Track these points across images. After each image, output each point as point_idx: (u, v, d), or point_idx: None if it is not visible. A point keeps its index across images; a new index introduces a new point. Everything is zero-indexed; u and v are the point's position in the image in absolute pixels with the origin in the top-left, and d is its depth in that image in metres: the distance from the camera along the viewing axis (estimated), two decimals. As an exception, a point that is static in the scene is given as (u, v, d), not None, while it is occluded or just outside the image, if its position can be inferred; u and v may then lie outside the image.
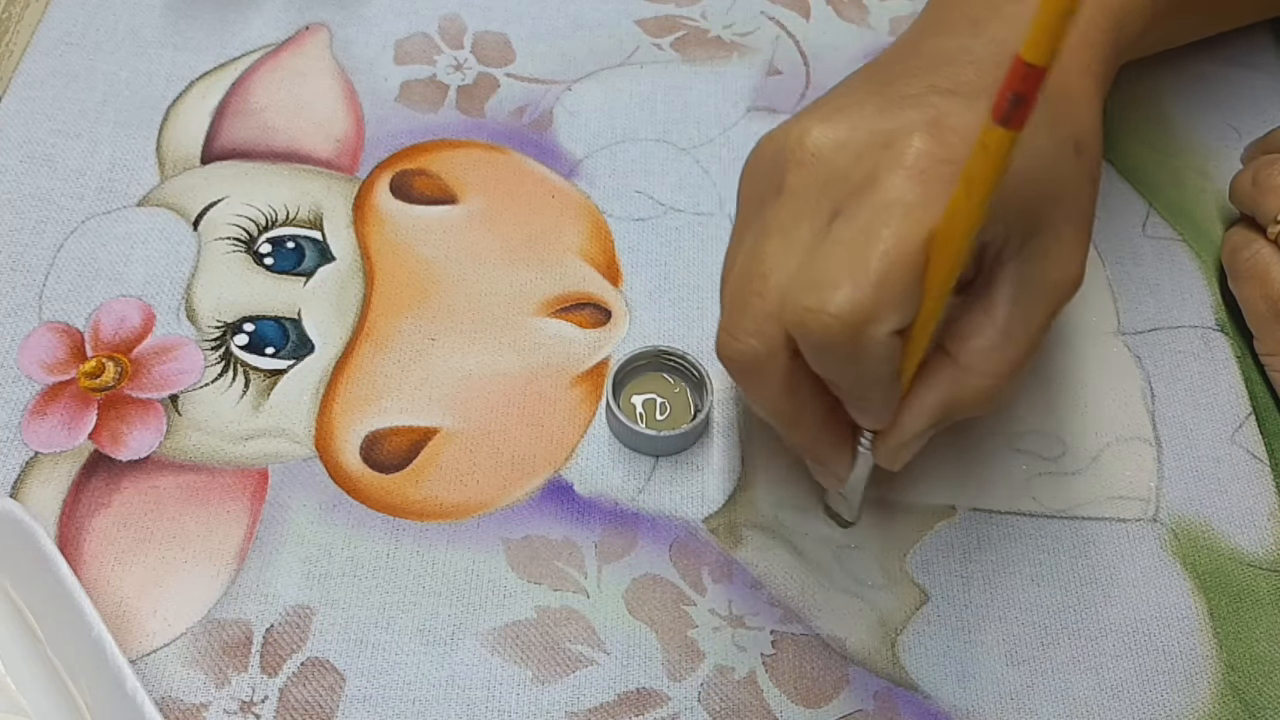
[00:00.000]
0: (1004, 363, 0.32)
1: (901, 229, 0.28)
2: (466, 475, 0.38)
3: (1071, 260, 0.32)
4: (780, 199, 0.31)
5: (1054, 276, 0.32)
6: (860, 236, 0.29)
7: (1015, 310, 0.31)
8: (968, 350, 0.31)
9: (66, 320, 0.40)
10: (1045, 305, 0.32)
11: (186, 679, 0.34)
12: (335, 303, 0.42)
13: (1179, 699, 0.36)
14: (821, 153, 0.31)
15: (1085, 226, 0.33)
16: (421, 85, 0.48)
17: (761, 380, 0.31)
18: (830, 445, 0.34)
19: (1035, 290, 0.32)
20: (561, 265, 0.43)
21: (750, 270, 0.31)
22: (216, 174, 0.44)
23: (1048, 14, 0.24)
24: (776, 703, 0.35)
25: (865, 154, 0.30)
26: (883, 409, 0.32)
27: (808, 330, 0.29)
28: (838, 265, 0.28)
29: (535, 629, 0.36)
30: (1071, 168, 0.32)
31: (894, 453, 0.33)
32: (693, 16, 0.51)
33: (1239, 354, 0.43)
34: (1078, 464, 0.40)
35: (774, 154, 0.32)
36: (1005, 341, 0.31)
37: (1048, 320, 0.32)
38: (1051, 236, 0.31)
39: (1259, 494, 0.40)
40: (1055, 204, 0.31)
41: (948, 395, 0.32)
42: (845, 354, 0.29)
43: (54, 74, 0.47)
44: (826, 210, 0.30)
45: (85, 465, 0.38)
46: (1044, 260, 0.31)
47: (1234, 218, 0.45)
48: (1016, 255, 0.31)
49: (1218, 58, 0.51)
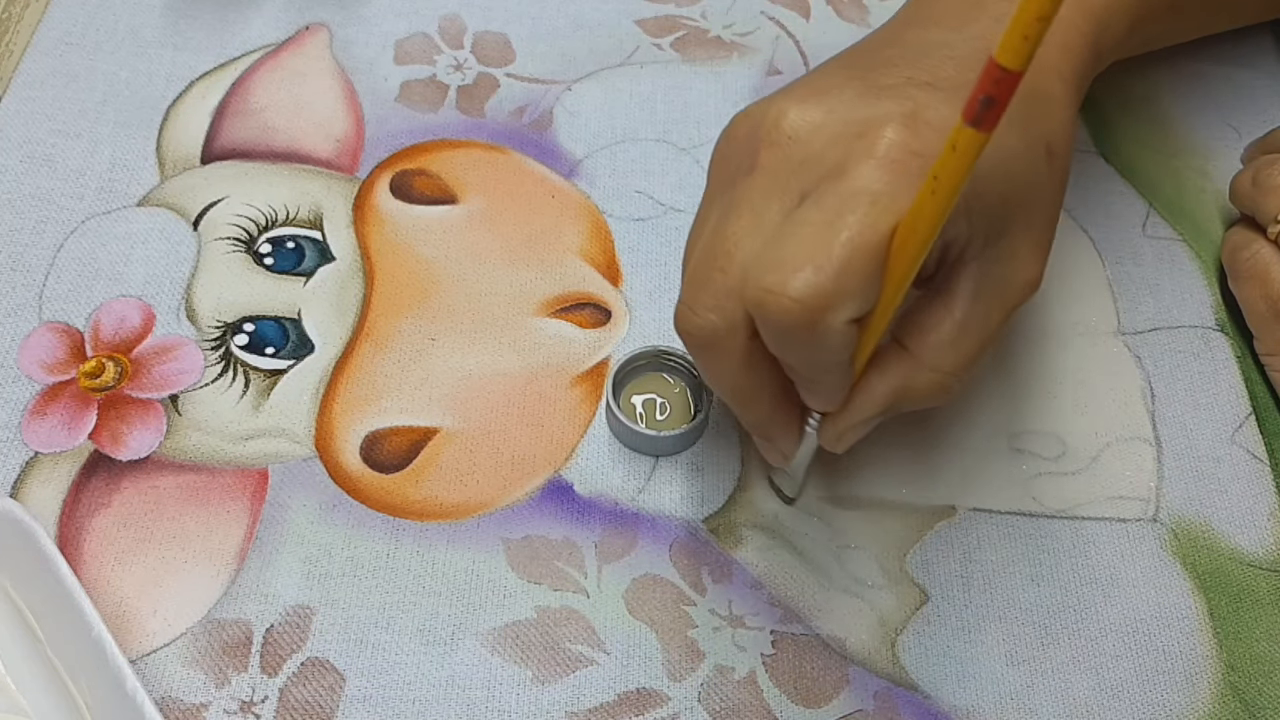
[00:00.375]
0: (958, 358, 0.32)
1: (867, 218, 0.28)
2: (466, 475, 0.38)
3: (1034, 262, 0.32)
4: (751, 177, 0.31)
5: (1016, 278, 0.32)
6: (825, 221, 0.29)
7: (974, 308, 0.32)
8: (924, 344, 0.32)
9: (66, 320, 0.40)
10: (1003, 305, 0.32)
11: (186, 679, 0.34)
12: (335, 303, 0.42)
13: (1179, 699, 0.36)
14: (796, 134, 0.31)
15: (1050, 229, 0.33)
16: (421, 85, 0.48)
17: (719, 356, 0.32)
18: (781, 424, 0.34)
19: (995, 290, 0.32)
20: (561, 265, 0.43)
21: (715, 246, 0.31)
22: (216, 174, 0.44)
23: (1024, 18, 0.23)
24: (776, 703, 0.35)
25: (839, 140, 0.30)
26: (834, 393, 0.32)
27: (766, 311, 0.29)
28: (801, 248, 0.29)
29: (535, 629, 0.36)
30: (1042, 170, 0.32)
31: (839, 435, 0.33)
32: (693, 16, 0.51)
33: (1239, 354, 0.43)
34: (1078, 464, 0.40)
35: (748, 131, 0.32)
36: (961, 337, 0.32)
37: (1004, 319, 0.32)
38: (1017, 239, 0.32)
39: (1259, 494, 0.40)
40: (1022, 206, 0.31)
41: (900, 385, 0.32)
42: (802, 338, 0.29)
43: (54, 74, 0.47)
44: (796, 192, 0.30)
45: (85, 465, 0.38)
46: (1008, 261, 0.32)
47: (1234, 218, 0.45)
48: (980, 255, 0.31)
49: (1217, 58, 0.51)
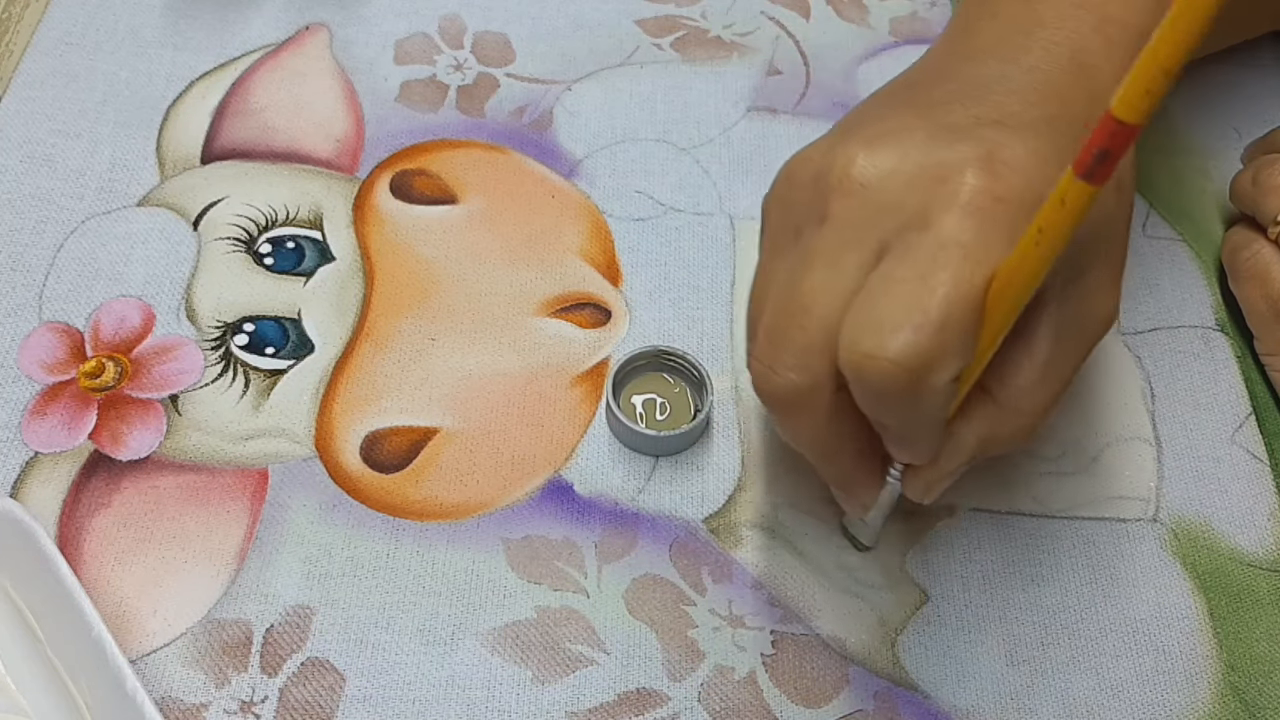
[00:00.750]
0: (1043, 401, 0.31)
1: (961, 272, 0.27)
2: (466, 475, 0.38)
3: (1109, 299, 0.32)
4: (824, 227, 0.30)
5: (1094, 314, 0.31)
6: (918, 278, 0.28)
7: (1056, 349, 0.31)
8: (1008, 389, 0.31)
9: (66, 320, 0.40)
10: (1083, 343, 0.31)
11: (186, 679, 0.34)
12: (335, 303, 0.42)
13: (1179, 699, 0.36)
14: (869, 181, 0.29)
15: (1122, 263, 0.32)
16: (421, 85, 0.48)
17: (802, 414, 0.31)
18: (863, 478, 0.33)
19: (1075, 329, 0.31)
20: (561, 265, 0.43)
21: (791, 302, 0.30)
22: (216, 174, 0.44)
23: (1147, 71, 0.22)
24: (776, 703, 0.35)
25: (915, 186, 0.29)
26: (928, 448, 0.31)
27: (865, 375, 0.28)
28: (895, 307, 0.27)
29: (535, 629, 0.36)
30: (1111, 207, 0.31)
31: (928, 487, 0.32)
32: (693, 16, 0.51)
33: (1239, 354, 0.43)
34: (1078, 464, 0.40)
35: (812, 178, 0.31)
36: (1044, 380, 0.31)
37: (1083, 358, 0.32)
38: (1093, 276, 0.31)
39: (1259, 494, 0.40)
40: (1097, 245, 0.31)
41: (987, 433, 0.31)
42: (903, 400, 0.28)
43: (54, 74, 0.47)
44: (874, 243, 0.29)
45: (85, 465, 0.38)
46: (1086, 299, 0.31)
47: (1234, 218, 0.45)
48: (1059, 296, 0.30)
49: (1218, 58, 0.51)
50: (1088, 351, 0.32)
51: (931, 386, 0.28)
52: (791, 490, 0.39)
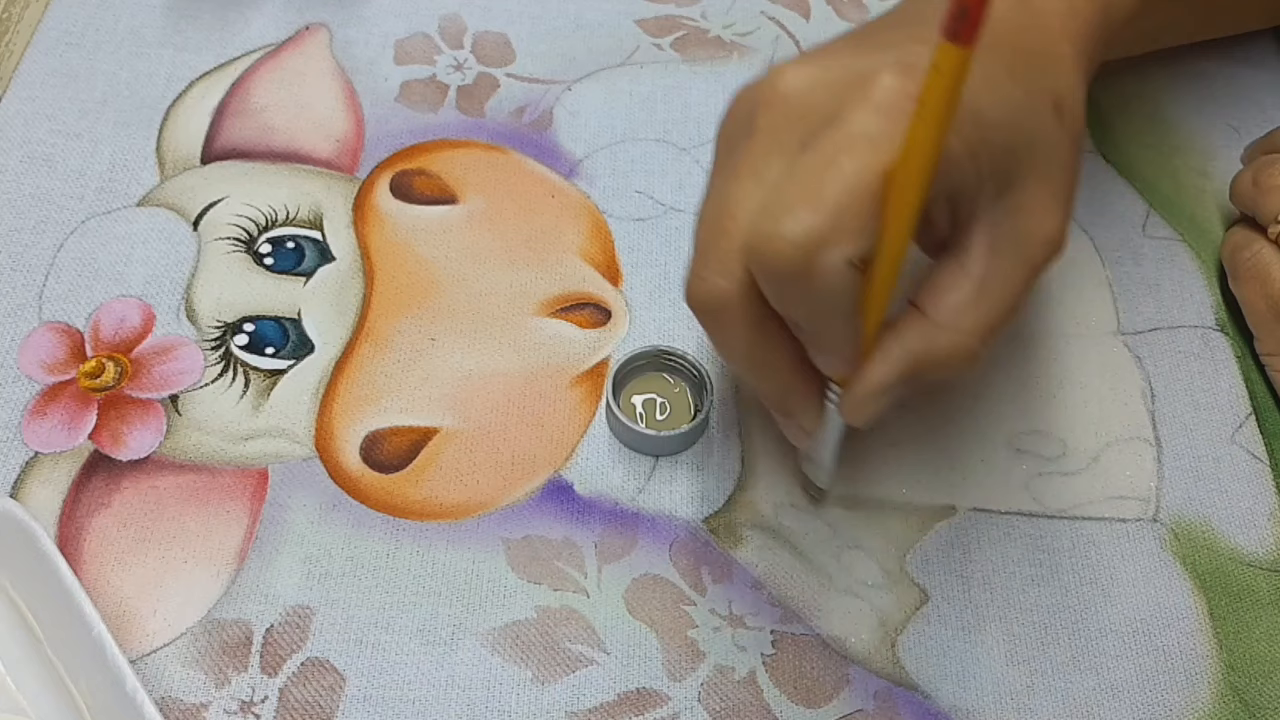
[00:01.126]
0: (978, 318, 0.31)
1: (862, 159, 0.28)
2: (466, 475, 0.38)
3: (1049, 217, 0.32)
4: (750, 140, 0.31)
5: (1034, 232, 0.31)
6: (820, 165, 0.29)
7: (991, 264, 0.31)
8: (940, 305, 0.31)
9: (66, 320, 0.40)
10: (1023, 262, 0.31)
11: (186, 679, 0.34)
12: (335, 303, 0.42)
13: (1179, 699, 0.36)
14: (792, 92, 0.31)
15: (1067, 183, 0.32)
16: (421, 85, 0.48)
17: (729, 322, 0.31)
18: (798, 396, 0.33)
19: (1011, 245, 0.31)
20: (561, 265, 0.43)
21: (719, 211, 0.31)
22: (216, 174, 0.44)
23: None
24: (776, 703, 0.35)
25: (835, 91, 0.30)
26: (843, 350, 0.31)
27: (762, 257, 0.29)
28: (795, 193, 0.28)
29: (535, 629, 0.36)
30: (1050, 124, 0.32)
31: (859, 405, 0.32)
32: (693, 16, 0.51)
33: (1239, 354, 0.43)
34: (1078, 464, 0.40)
35: (747, 100, 0.32)
36: (980, 296, 0.31)
37: (1027, 279, 0.32)
38: (1030, 190, 0.31)
39: (1259, 494, 0.40)
40: (1031, 158, 0.31)
41: (919, 349, 0.31)
42: (799, 282, 0.29)
43: (54, 74, 0.47)
44: (795, 146, 0.30)
45: (85, 465, 0.38)
46: (1020, 214, 0.31)
47: (1234, 218, 0.45)
48: (991, 208, 0.31)
49: (1217, 57, 0.51)
50: (1030, 274, 0.32)
51: (826, 266, 0.28)
52: (791, 490, 0.39)
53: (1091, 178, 0.48)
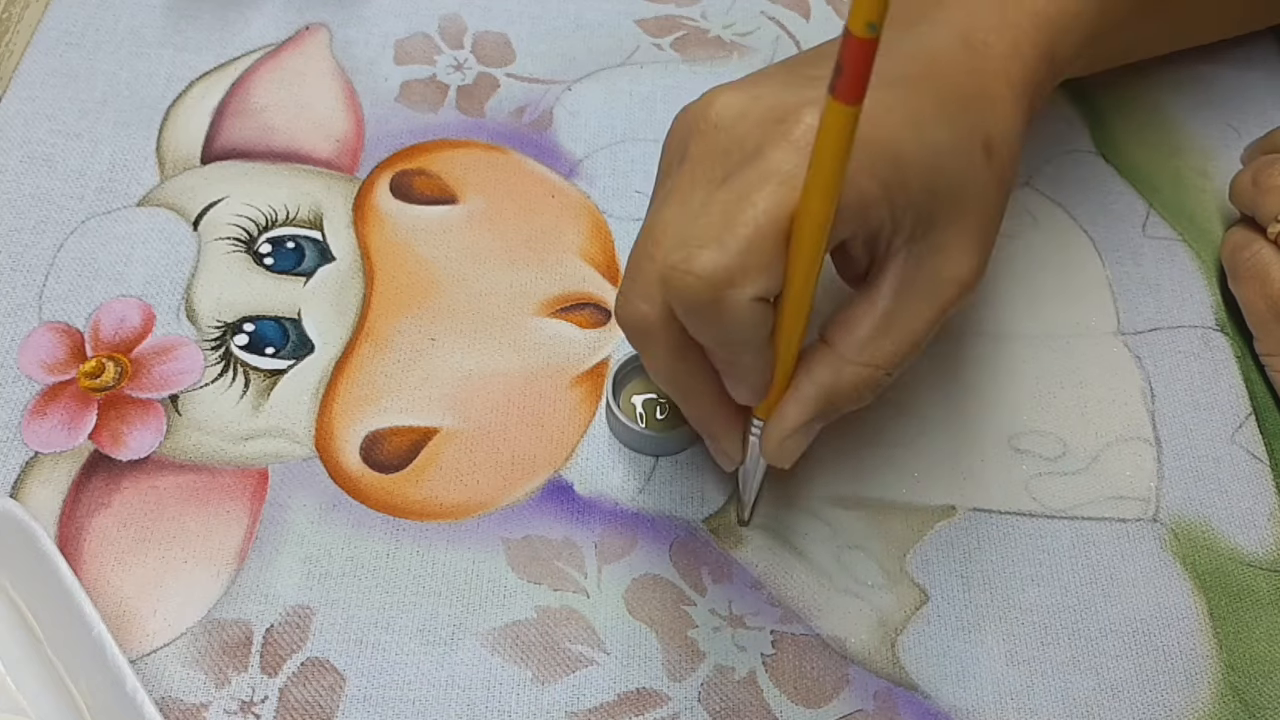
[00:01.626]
0: (880, 353, 0.32)
1: (773, 196, 0.29)
2: (466, 475, 0.38)
3: (964, 260, 0.32)
4: (682, 167, 0.32)
5: (945, 273, 0.32)
6: (733, 202, 0.29)
7: (898, 301, 0.32)
8: (847, 339, 0.32)
9: (66, 320, 0.40)
10: (933, 300, 0.32)
11: (186, 679, 0.34)
12: (335, 303, 0.42)
13: (1179, 699, 0.36)
14: (722, 122, 0.31)
15: (986, 227, 0.33)
16: (421, 85, 0.48)
17: (652, 345, 0.32)
18: (720, 423, 0.34)
19: (922, 284, 0.32)
20: (561, 265, 0.43)
21: (646, 236, 0.32)
22: (216, 174, 0.44)
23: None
24: (776, 703, 0.35)
25: (760, 125, 0.31)
26: (755, 381, 0.32)
27: (673, 287, 0.29)
28: (708, 227, 0.29)
29: (535, 629, 0.36)
30: (977, 167, 0.32)
31: (778, 445, 0.33)
32: (693, 16, 0.51)
33: (1239, 354, 0.43)
34: (1078, 464, 0.40)
35: (684, 124, 0.33)
36: (884, 331, 0.32)
37: (934, 318, 0.32)
38: (947, 233, 0.32)
39: (1259, 494, 0.40)
40: (953, 199, 0.31)
41: (828, 384, 0.32)
42: (708, 315, 0.29)
43: (54, 74, 0.47)
44: (720, 178, 0.31)
45: (85, 465, 0.38)
46: (935, 255, 0.32)
47: (1234, 218, 0.45)
48: (905, 248, 0.31)
49: (1218, 58, 0.51)
50: (939, 312, 0.32)
51: (733, 302, 0.29)
52: (791, 490, 0.39)
53: (1092, 178, 0.48)
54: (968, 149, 0.32)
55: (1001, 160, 0.33)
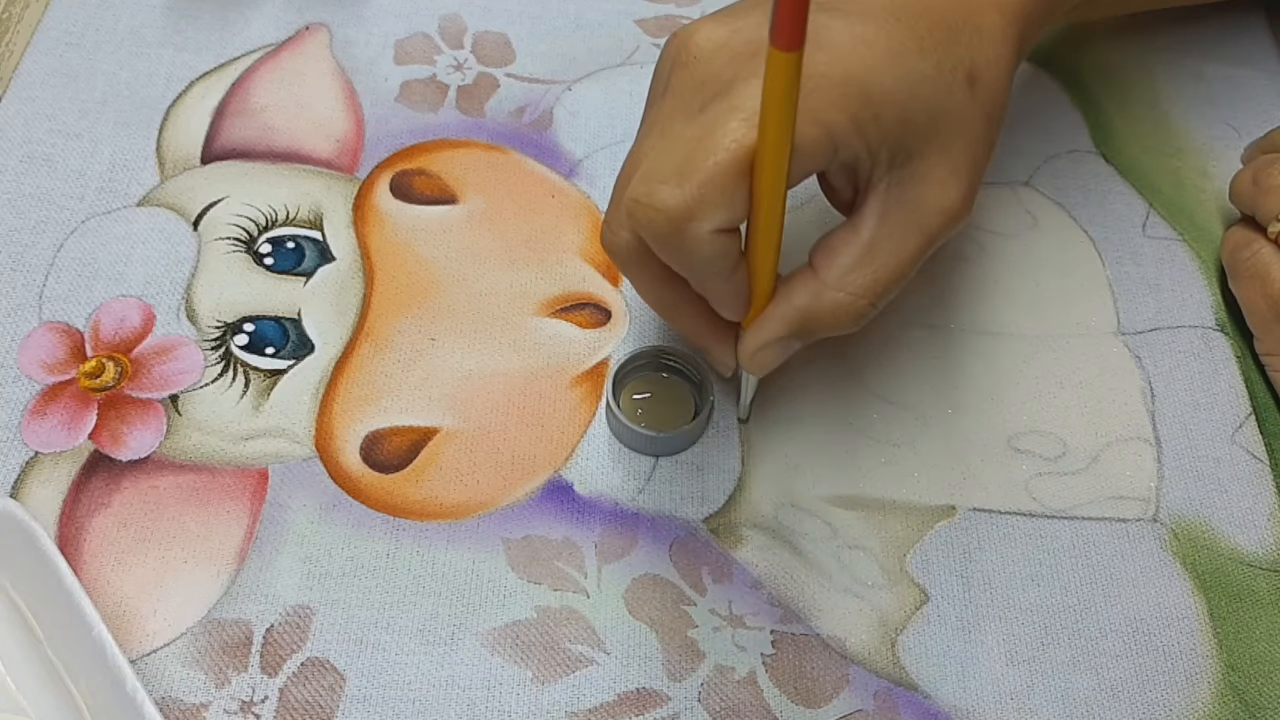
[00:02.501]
0: (863, 280, 0.32)
1: (735, 133, 0.29)
2: (466, 475, 0.38)
3: (949, 189, 0.32)
4: (664, 98, 0.33)
5: (928, 201, 0.32)
6: (698, 137, 0.30)
7: (881, 229, 0.32)
8: (830, 265, 0.33)
9: (66, 320, 0.40)
10: (916, 230, 0.32)
11: (186, 679, 0.34)
12: (335, 303, 0.42)
13: (1179, 699, 0.36)
14: (701, 54, 0.32)
15: (971, 157, 0.33)
16: (421, 85, 0.48)
17: (635, 270, 0.33)
18: (710, 337, 0.35)
19: (905, 212, 0.32)
20: (561, 265, 0.43)
21: (628, 164, 0.33)
22: (216, 174, 0.44)
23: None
24: (776, 703, 0.35)
25: (736, 59, 0.31)
26: (731, 303, 0.33)
27: (637, 220, 0.30)
28: (670, 162, 0.30)
29: (535, 629, 0.36)
30: (959, 97, 0.32)
31: (751, 356, 0.34)
32: (692, 16, 0.51)
33: (1239, 354, 0.43)
34: (1078, 464, 0.40)
35: (671, 52, 0.33)
36: (867, 259, 0.32)
37: (920, 247, 0.33)
38: (929, 162, 0.32)
39: (1259, 494, 0.40)
40: (932, 129, 0.32)
41: (806, 306, 0.33)
42: (672, 246, 0.30)
43: (54, 74, 0.47)
44: (696, 109, 0.31)
45: (85, 465, 0.38)
46: (918, 184, 0.32)
47: (1234, 218, 0.45)
48: (887, 176, 0.32)
49: (1218, 58, 0.51)
50: (923, 242, 0.33)
51: (695, 234, 0.30)
52: (791, 490, 0.39)
53: (1091, 178, 0.48)
54: (949, 80, 0.32)
55: (987, 90, 0.33)
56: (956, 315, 0.43)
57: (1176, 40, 0.52)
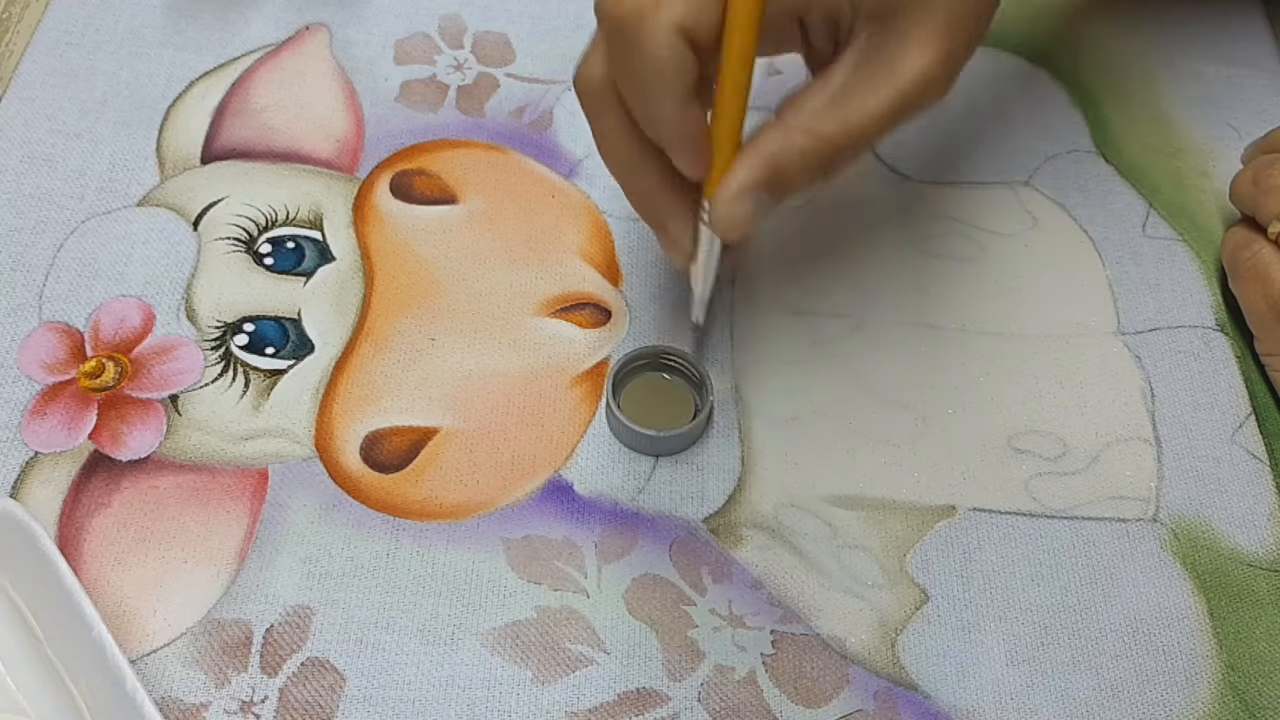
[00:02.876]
0: (829, 124, 0.32)
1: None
2: (466, 475, 0.38)
3: (924, 51, 0.32)
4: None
5: (904, 61, 0.32)
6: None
7: (853, 77, 0.32)
8: (799, 110, 0.33)
9: (66, 320, 0.40)
10: (888, 84, 0.32)
11: (186, 679, 0.34)
12: (335, 303, 0.42)
13: (1179, 699, 0.36)
14: None
15: (947, 23, 0.33)
16: (421, 85, 0.48)
17: (601, 110, 0.33)
18: (667, 205, 0.35)
19: (878, 67, 0.32)
20: (561, 265, 0.43)
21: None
22: (216, 174, 0.44)
23: None
24: (776, 703, 0.35)
25: None
26: (687, 147, 0.32)
27: (600, 12, 0.31)
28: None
29: (535, 629, 0.36)
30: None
31: (725, 207, 0.33)
32: (693, 16, 0.51)
33: (1239, 354, 0.43)
34: (1078, 464, 0.40)
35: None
36: (835, 106, 0.32)
37: (890, 103, 0.32)
38: (908, 23, 0.32)
39: (1259, 494, 0.40)
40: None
41: (775, 152, 0.32)
42: (630, 37, 0.30)
43: (54, 74, 0.47)
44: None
45: (85, 465, 0.38)
46: (895, 42, 0.32)
47: (1234, 218, 0.45)
48: (865, 30, 0.32)
49: (1218, 58, 0.51)
50: (897, 99, 0.33)
51: (655, 25, 0.30)
52: (791, 490, 0.39)
53: (1091, 178, 0.48)
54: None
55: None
56: (956, 315, 0.43)
57: (1176, 40, 0.52)
